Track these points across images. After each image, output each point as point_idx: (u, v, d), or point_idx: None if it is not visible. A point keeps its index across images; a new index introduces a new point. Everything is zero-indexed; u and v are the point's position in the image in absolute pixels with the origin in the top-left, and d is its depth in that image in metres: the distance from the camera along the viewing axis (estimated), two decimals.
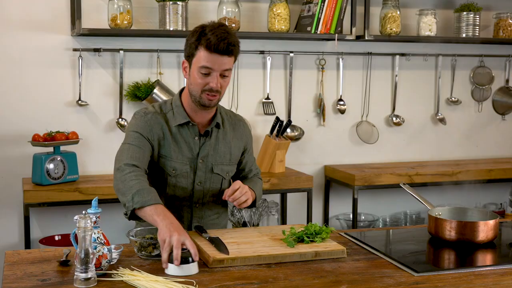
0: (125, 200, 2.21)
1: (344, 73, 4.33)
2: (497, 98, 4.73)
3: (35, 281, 1.87)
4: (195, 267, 1.95)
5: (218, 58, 2.28)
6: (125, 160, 2.30)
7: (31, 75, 3.73)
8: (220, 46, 2.25)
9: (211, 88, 2.32)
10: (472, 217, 2.46)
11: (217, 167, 2.49)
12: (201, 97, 2.35)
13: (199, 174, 2.47)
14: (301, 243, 2.19)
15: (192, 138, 2.44)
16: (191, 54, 2.34)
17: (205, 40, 2.26)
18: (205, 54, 2.28)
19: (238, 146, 2.56)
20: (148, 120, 2.41)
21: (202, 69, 2.30)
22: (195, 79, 2.33)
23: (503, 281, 1.94)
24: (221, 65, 2.29)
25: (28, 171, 3.64)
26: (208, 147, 2.46)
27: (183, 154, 2.43)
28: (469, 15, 4.30)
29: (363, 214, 4.39)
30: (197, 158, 2.45)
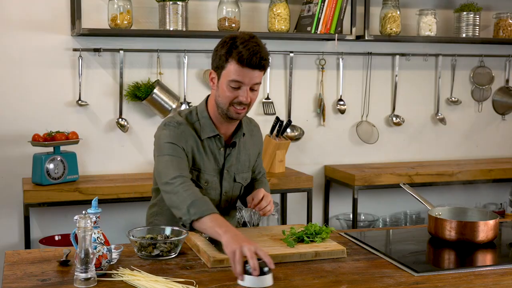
0: (180, 213, 2.20)
1: (344, 73, 4.33)
2: (497, 98, 4.73)
3: (35, 281, 1.87)
4: (270, 278, 1.87)
5: (249, 72, 2.22)
6: (172, 173, 2.26)
7: (31, 75, 3.73)
8: (252, 61, 2.20)
9: (240, 102, 2.27)
10: (472, 217, 2.45)
11: (238, 176, 2.48)
12: (228, 110, 2.30)
13: (225, 185, 2.46)
14: (301, 243, 2.19)
15: (217, 150, 2.42)
16: (221, 66, 2.27)
17: (237, 54, 2.21)
18: (236, 68, 2.22)
19: (254, 152, 2.56)
20: (182, 131, 2.35)
21: (232, 82, 2.24)
22: (224, 92, 2.28)
23: (503, 281, 1.94)
24: (251, 79, 2.24)
25: (28, 171, 3.64)
26: (233, 157, 2.45)
27: (211, 165, 2.41)
28: (469, 15, 4.30)
29: (363, 214, 4.39)
30: (223, 168, 2.44)
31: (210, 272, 1.97)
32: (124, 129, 3.87)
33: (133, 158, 3.95)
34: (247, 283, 1.85)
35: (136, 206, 3.92)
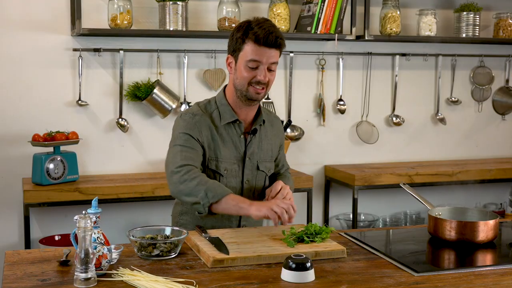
0: (196, 199, 2.26)
1: (344, 73, 4.33)
2: (497, 98, 4.73)
3: (35, 281, 1.87)
4: (312, 273, 1.89)
5: (266, 51, 2.29)
6: (179, 162, 2.31)
7: (31, 75, 3.73)
8: (269, 39, 2.26)
9: (259, 81, 2.32)
10: (472, 217, 2.45)
11: (261, 164, 2.49)
12: (248, 90, 2.34)
13: (247, 172, 2.47)
14: (301, 243, 2.19)
15: (238, 137, 2.44)
16: (238, 49, 2.33)
17: (253, 34, 2.28)
18: (253, 48, 2.28)
19: (276, 143, 2.58)
20: (197, 121, 2.39)
21: (250, 62, 2.30)
22: (242, 73, 2.33)
23: (503, 281, 1.93)
24: (269, 58, 2.31)
25: (28, 171, 3.64)
26: (254, 145, 2.47)
27: (232, 152, 2.43)
28: (469, 15, 4.30)
29: (363, 214, 4.39)
30: (245, 156, 2.46)
31: (210, 272, 1.97)
32: (124, 129, 3.87)
33: (133, 158, 3.95)
34: (289, 278, 1.87)
35: (136, 206, 3.92)
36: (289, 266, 1.88)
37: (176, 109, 3.90)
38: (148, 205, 3.94)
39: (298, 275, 1.87)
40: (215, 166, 2.41)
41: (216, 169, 2.42)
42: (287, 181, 2.58)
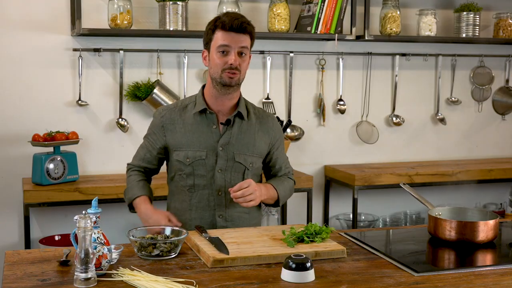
0: (125, 198, 2.59)
1: (344, 73, 4.33)
2: (497, 98, 4.73)
3: (35, 281, 1.87)
4: (312, 274, 1.90)
5: (234, 36, 2.40)
6: (132, 161, 2.64)
7: (31, 75, 3.73)
8: (234, 24, 2.38)
9: (230, 66, 2.41)
10: (472, 217, 2.45)
11: (239, 156, 2.51)
12: (221, 77, 2.43)
13: (221, 162, 2.50)
14: (301, 243, 2.19)
15: (210, 127, 2.51)
16: (209, 39, 2.45)
17: (220, 22, 2.41)
18: (222, 34, 2.40)
19: (264, 140, 2.58)
20: (162, 116, 2.55)
21: (220, 47, 2.41)
22: (214, 61, 2.43)
23: (503, 281, 1.94)
24: (237, 42, 2.40)
25: (28, 171, 3.64)
26: (229, 136, 2.50)
27: (201, 142, 2.50)
28: (469, 15, 4.30)
29: (363, 214, 4.39)
30: (217, 145, 2.50)
31: (210, 272, 1.97)
32: (124, 129, 3.87)
33: None
34: (289, 278, 1.88)
35: None
36: (289, 266, 1.88)
37: None
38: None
39: (298, 275, 1.87)
40: (177, 156, 2.52)
41: (180, 158, 2.52)
42: (278, 184, 2.59)
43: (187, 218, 2.54)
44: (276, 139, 2.62)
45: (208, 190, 2.51)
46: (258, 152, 2.56)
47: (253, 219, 2.61)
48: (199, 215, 2.52)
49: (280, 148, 2.65)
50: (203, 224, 2.49)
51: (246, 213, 2.56)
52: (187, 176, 2.52)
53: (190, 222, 2.52)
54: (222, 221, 2.51)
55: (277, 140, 2.63)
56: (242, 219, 2.55)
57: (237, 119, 2.53)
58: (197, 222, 2.51)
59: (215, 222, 2.51)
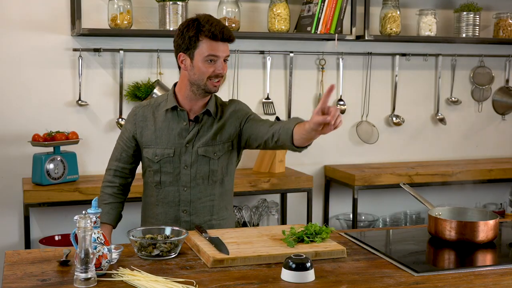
0: None
1: (344, 73, 4.33)
2: (497, 98, 4.73)
3: (35, 281, 1.87)
4: (312, 274, 1.90)
5: (222, 46, 2.42)
6: (109, 164, 2.67)
7: (31, 75, 3.73)
8: (224, 34, 2.40)
9: (217, 74, 2.43)
10: (472, 217, 2.45)
11: (202, 149, 2.52)
12: (206, 85, 2.45)
13: (185, 158, 2.52)
14: (301, 243, 2.19)
15: (181, 124, 2.52)
16: (192, 47, 2.42)
17: (208, 31, 2.39)
18: (210, 44, 2.40)
19: (230, 123, 2.54)
20: (135, 113, 2.59)
21: (208, 57, 2.41)
22: (200, 69, 2.43)
23: (503, 281, 1.94)
24: (225, 51, 2.44)
25: (28, 171, 3.64)
26: (195, 132, 2.52)
27: (170, 139, 2.52)
28: (469, 15, 4.30)
29: (363, 214, 4.39)
30: (185, 143, 2.52)
31: (210, 272, 1.97)
32: None
33: None
34: (289, 278, 1.88)
35: (136, 206, 3.91)
36: (289, 266, 1.88)
37: None
38: None
39: (298, 275, 1.87)
40: (146, 153, 2.56)
41: (147, 156, 2.55)
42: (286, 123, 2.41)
43: (153, 213, 2.60)
44: (243, 113, 2.57)
45: (174, 186, 2.54)
46: (224, 139, 2.54)
47: (221, 203, 2.59)
48: (164, 210, 2.57)
49: (251, 119, 2.55)
50: (167, 220, 2.55)
51: (211, 200, 2.56)
52: (154, 173, 2.56)
53: (156, 217, 2.58)
54: (186, 215, 2.55)
55: (244, 112, 2.57)
56: (207, 208, 2.55)
57: (205, 117, 2.54)
58: (162, 217, 2.56)
59: (179, 217, 2.55)
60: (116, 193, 2.63)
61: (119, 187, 2.64)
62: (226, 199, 2.62)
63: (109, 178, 2.64)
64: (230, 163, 2.60)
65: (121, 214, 2.64)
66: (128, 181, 2.69)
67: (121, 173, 2.64)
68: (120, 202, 2.64)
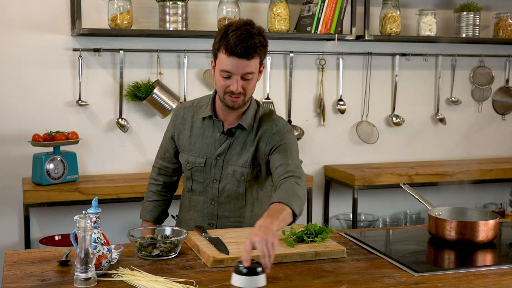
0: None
1: (344, 73, 4.33)
2: (497, 98, 4.73)
3: (35, 281, 1.87)
4: (263, 279, 1.84)
5: (237, 61, 2.20)
6: (155, 161, 2.64)
7: (31, 75, 3.73)
8: (237, 50, 2.17)
9: (232, 92, 2.25)
10: (472, 217, 2.45)
11: (231, 167, 2.42)
12: (224, 98, 2.30)
13: (215, 171, 2.44)
14: (301, 243, 2.19)
15: (215, 134, 2.43)
16: (215, 55, 2.28)
17: (225, 43, 2.19)
18: (225, 58, 2.21)
19: (262, 149, 2.39)
20: (177, 114, 2.53)
21: (222, 72, 2.24)
22: (219, 81, 2.28)
23: (503, 281, 1.94)
24: (239, 68, 2.21)
25: (28, 171, 3.64)
26: (227, 146, 2.41)
27: (203, 148, 2.44)
28: (469, 15, 4.30)
29: (363, 214, 4.39)
30: (215, 154, 2.43)
31: (210, 272, 1.97)
32: (124, 129, 3.87)
33: (133, 158, 3.95)
34: (239, 283, 1.82)
35: (136, 206, 3.90)
36: (240, 271, 1.82)
37: None
38: None
39: (249, 280, 1.81)
40: (181, 157, 2.52)
41: (182, 161, 2.51)
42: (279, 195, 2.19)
43: (186, 217, 2.56)
44: (273, 144, 2.38)
45: (203, 197, 2.48)
46: (252, 163, 2.40)
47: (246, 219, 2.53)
48: (194, 217, 2.52)
49: (278, 150, 2.36)
50: None
51: (240, 222, 2.48)
52: (187, 178, 2.53)
53: (187, 222, 2.54)
54: (212, 229, 2.43)
55: (274, 145, 2.37)
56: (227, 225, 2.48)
57: (238, 130, 2.40)
58: (192, 224, 2.50)
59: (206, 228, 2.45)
60: (160, 191, 2.62)
61: (163, 185, 2.62)
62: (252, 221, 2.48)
63: (154, 176, 2.63)
64: (260, 189, 2.49)
65: (166, 212, 2.64)
66: (173, 180, 2.63)
67: (165, 172, 2.61)
68: (164, 200, 2.63)
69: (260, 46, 2.23)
